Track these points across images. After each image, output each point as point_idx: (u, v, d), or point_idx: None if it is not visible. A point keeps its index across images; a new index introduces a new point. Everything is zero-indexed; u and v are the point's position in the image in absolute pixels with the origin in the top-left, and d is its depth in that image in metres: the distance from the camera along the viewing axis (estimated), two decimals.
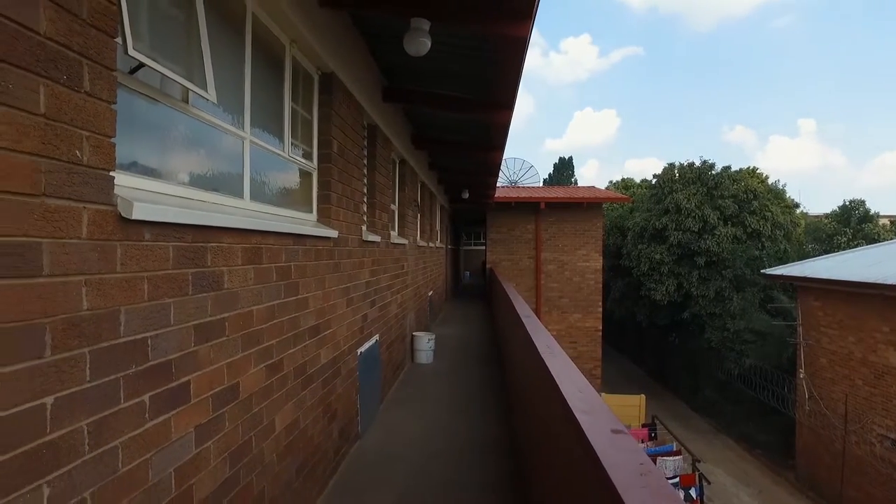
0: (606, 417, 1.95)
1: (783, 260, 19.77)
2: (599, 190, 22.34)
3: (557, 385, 2.36)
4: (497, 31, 4.09)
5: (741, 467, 15.98)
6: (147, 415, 1.93)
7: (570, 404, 2.06)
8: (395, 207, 8.00)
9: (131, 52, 1.91)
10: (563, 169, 52.18)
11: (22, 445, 1.42)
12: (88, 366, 1.65)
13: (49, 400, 1.51)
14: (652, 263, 22.06)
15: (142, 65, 2.04)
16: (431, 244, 12.41)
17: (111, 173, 1.75)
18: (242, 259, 2.65)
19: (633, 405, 15.86)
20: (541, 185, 26.14)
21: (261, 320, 2.87)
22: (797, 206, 25.40)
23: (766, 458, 16.46)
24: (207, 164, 2.71)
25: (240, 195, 2.99)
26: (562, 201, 17.76)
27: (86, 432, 1.64)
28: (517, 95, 5.90)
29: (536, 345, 3.22)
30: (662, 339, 24.36)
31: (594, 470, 1.63)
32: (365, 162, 5.83)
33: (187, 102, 2.48)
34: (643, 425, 14.46)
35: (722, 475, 15.02)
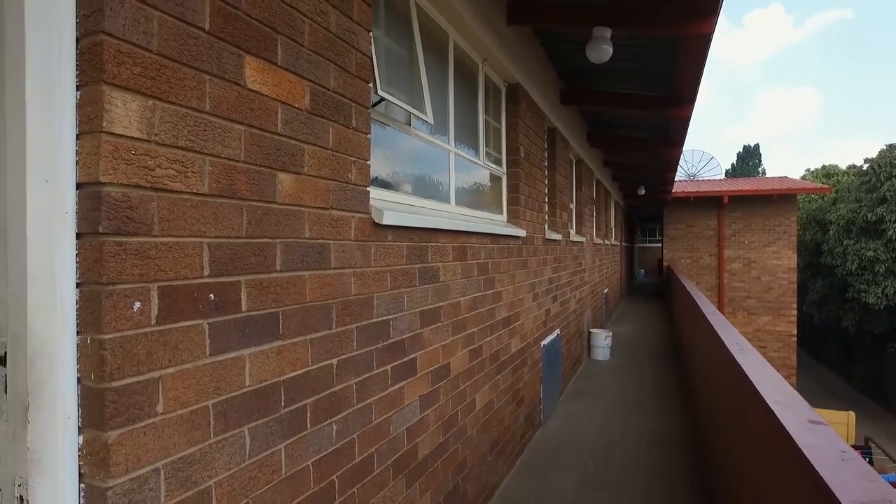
0: (803, 408, 2.03)
1: None
2: (792, 180, 20.26)
3: (749, 379, 2.45)
4: (681, 32, 4.14)
5: None
6: (389, 381, 2.42)
7: (764, 396, 2.17)
8: (572, 206, 8.19)
9: (380, 92, 2.41)
10: (748, 158, 47.82)
11: (321, 391, 1.94)
12: (356, 338, 2.15)
13: (334, 361, 2.02)
14: (862, 261, 19.52)
15: (382, 99, 2.54)
16: (607, 242, 12.34)
17: (367, 188, 2.25)
18: (452, 256, 3.10)
19: (840, 423, 14.02)
20: (722, 177, 24.38)
21: (466, 310, 3.30)
22: None
23: None
24: (423, 175, 3.19)
25: (447, 200, 3.45)
26: (748, 194, 16.44)
27: (354, 389, 2.14)
28: (699, 90, 5.79)
29: (725, 342, 3.27)
30: (878, 349, 21.38)
31: (791, 456, 1.74)
32: (546, 164, 6.11)
33: (409, 125, 2.98)
34: (854, 447, 12.94)
35: None
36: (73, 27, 1.23)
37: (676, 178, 17.99)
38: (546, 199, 6.07)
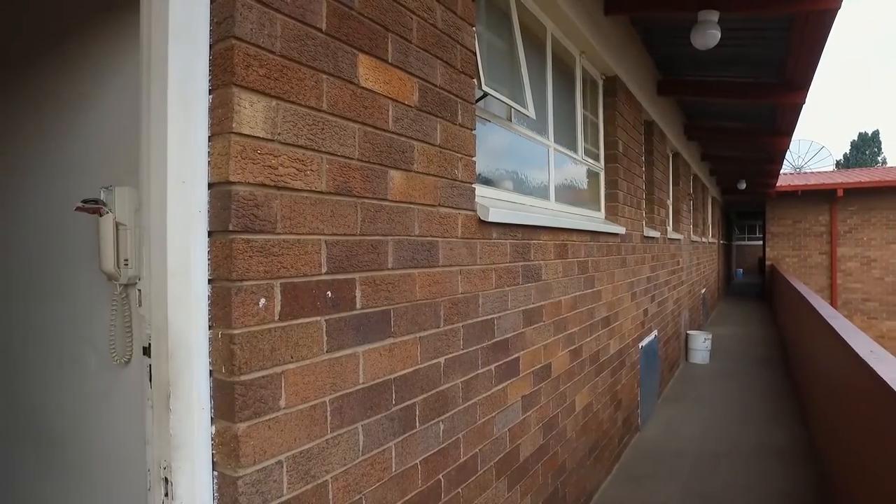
0: None
1: None
2: None
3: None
4: (800, 8, 3.82)
5: None
6: (493, 381, 2.38)
7: None
8: (669, 202, 7.83)
9: (484, 87, 2.38)
10: (865, 147, 44.02)
11: (429, 390, 1.93)
12: (462, 337, 2.13)
13: (442, 360, 2.00)
14: None
15: (484, 94, 2.50)
16: (704, 239, 11.73)
17: (473, 185, 2.21)
18: (554, 254, 3.01)
19: None
20: (832, 168, 22.56)
21: (566, 309, 3.20)
22: None
23: None
24: (523, 172, 3.13)
25: (546, 197, 3.37)
26: (866, 187, 15.04)
27: (460, 388, 2.12)
28: (815, 73, 5.35)
29: (855, 349, 2.98)
30: None
31: None
32: (643, 158, 5.87)
33: (510, 120, 2.92)
34: None
35: None
36: (206, 35, 1.28)
37: (781, 171, 16.83)
38: (644, 195, 5.83)
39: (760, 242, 24.19)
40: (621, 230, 4.32)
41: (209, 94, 1.28)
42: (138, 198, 1.40)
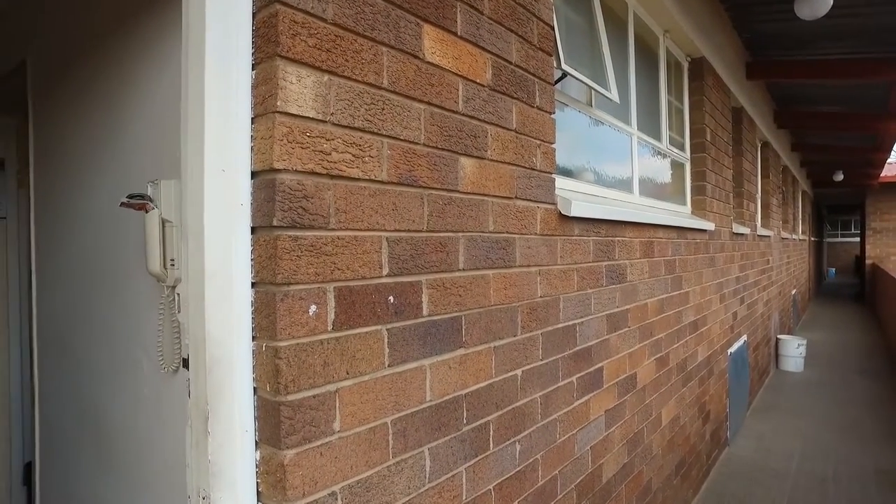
0: None
1: None
2: None
3: None
4: None
5: None
6: (574, 394, 2.13)
7: None
8: (758, 196, 7.24)
9: (564, 66, 2.12)
10: None
11: (504, 406, 1.70)
12: (541, 346, 1.89)
13: (519, 372, 1.77)
14: None
15: (564, 75, 2.24)
16: (794, 236, 10.88)
17: (553, 175, 1.97)
18: (639, 252, 2.72)
19: None
20: None
21: (653, 313, 2.90)
22: None
23: None
24: (604, 162, 2.85)
25: (629, 190, 3.07)
26: None
27: (539, 403, 1.89)
28: None
29: None
30: None
31: None
32: (731, 148, 5.40)
33: (591, 105, 2.65)
34: None
35: None
36: (249, 3, 1.11)
37: (889, 160, 15.48)
38: (732, 189, 5.36)
39: (856, 239, 22.42)
40: (710, 226, 3.93)
41: (252, 69, 1.11)
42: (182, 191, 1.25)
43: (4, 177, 3.06)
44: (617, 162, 2.98)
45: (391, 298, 1.29)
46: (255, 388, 1.10)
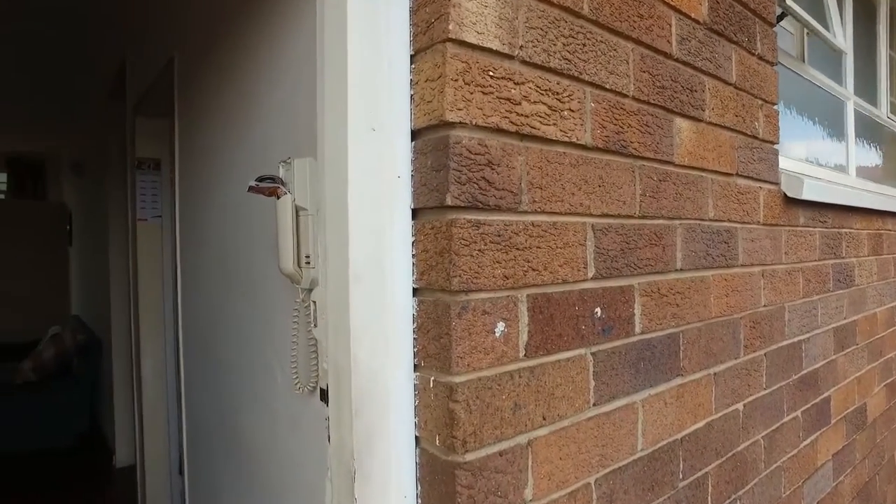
0: None
1: None
2: None
3: None
4: None
5: None
6: (800, 433, 1.62)
7: None
8: None
9: (788, 1, 1.62)
10: None
11: (724, 453, 1.27)
12: (765, 370, 1.43)
13: (740, 406, 1.33)
14: None
15: (783, 15, 1.74)
16: None
17: (776, 146, 1.49)
18: (867, 248, 2.12)
19: None
20: None
21: (882, 326, 2.27)
22: None
23: None
24: (813, 133, 2.27)
25: (844, 169, 2.45)
26: None
27: (762, 446, 1.42)
28: None
29: None
30: None
31: None
32: None
33: (803, 61, 2.09)
34: None
35: None
36: None
37: None
38: None
39: None
40: None
41: None
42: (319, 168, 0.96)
43: (160, 177, 3.08)
44: (828, 133, 2.38)
45: (598, 311, 0.91)
46: (417, 439, 0.78)
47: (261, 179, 1.14)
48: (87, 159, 5.24)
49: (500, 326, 0.76)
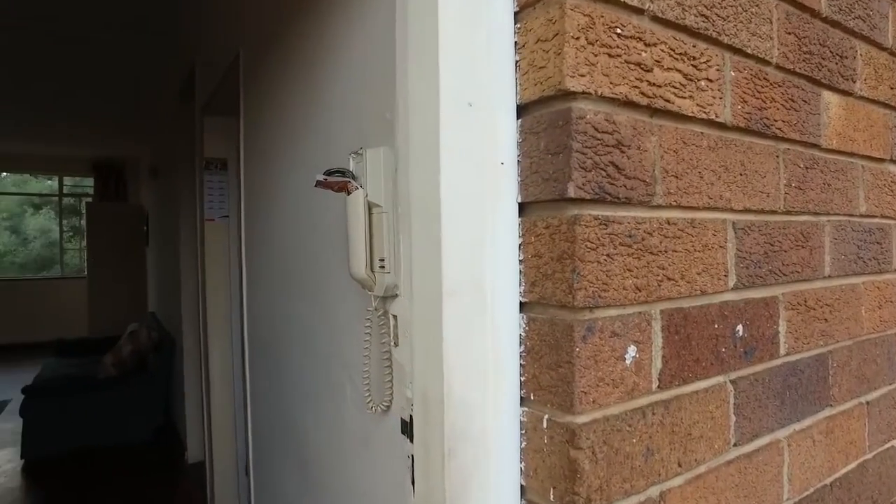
0: None
1: None
2: None
3: None
4: None
5: None
6: None
7: None
8: None
9: None
10: None
11: (884, 500, 1.05)
12: None
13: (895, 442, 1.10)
14: None
15: None
16: None
17: None
18: None
19: None
20: None
21: None
22: None
23: None
24: None
25: None
26: None
27: None
28: None
29: None
30: None
31: None
32: None
33: None
34: None
35: None
36: None
37: None
38: None
39: None
40: None
41: None
42: (397, 161, 0.83)
43: (228, 177, 3.07)
44: None
45: (739, 329, 0.74)
46: (522, 489, 0.63)
47: (329, 173, 1.02)
48: (161, 162, 5.38)
49: (632, 351, 0.60)
